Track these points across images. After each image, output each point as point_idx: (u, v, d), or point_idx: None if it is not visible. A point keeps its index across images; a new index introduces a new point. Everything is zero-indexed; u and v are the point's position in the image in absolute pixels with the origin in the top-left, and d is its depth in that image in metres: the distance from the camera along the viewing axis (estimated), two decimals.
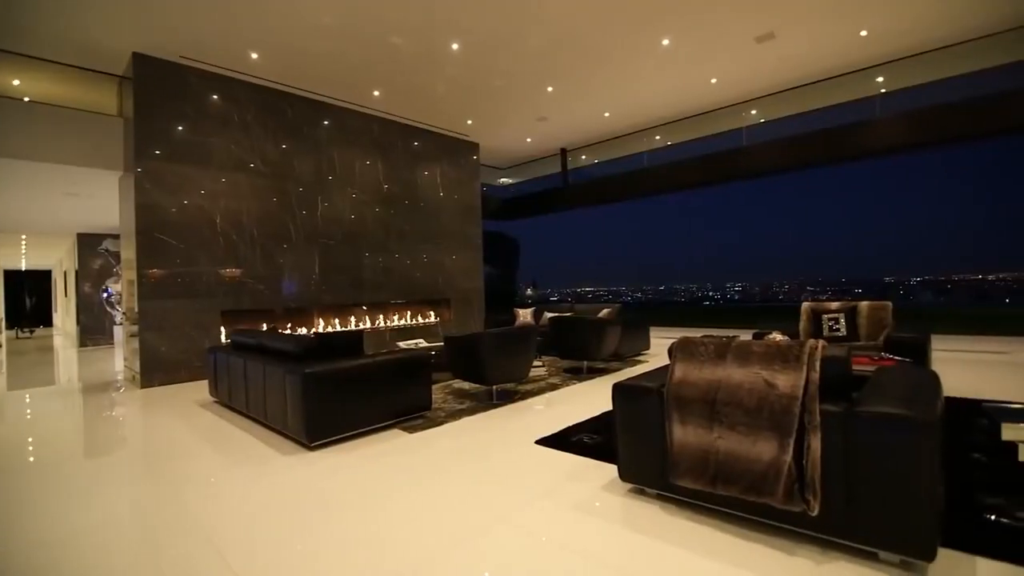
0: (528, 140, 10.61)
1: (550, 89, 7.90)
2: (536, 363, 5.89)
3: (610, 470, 2.75)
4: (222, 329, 6.69)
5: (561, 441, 3.39)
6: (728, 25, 6.16)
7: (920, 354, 3.90)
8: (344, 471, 3.05)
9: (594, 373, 5.80)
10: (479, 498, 2.58)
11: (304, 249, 7.51)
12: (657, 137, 10.16)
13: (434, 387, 5.04)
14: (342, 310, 8.27)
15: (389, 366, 3.84)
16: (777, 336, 3.16)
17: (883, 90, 7.76)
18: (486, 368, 4.36)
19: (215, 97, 6.66)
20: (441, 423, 3.96)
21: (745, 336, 3.31)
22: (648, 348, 7.19)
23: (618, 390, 2.52)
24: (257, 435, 3.85)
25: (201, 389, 5.54)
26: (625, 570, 1.88)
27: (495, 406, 4.43)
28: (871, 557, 1.85)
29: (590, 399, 4.55)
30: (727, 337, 2.33)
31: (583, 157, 11.50)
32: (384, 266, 8.54)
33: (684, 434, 2.22)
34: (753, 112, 8.87)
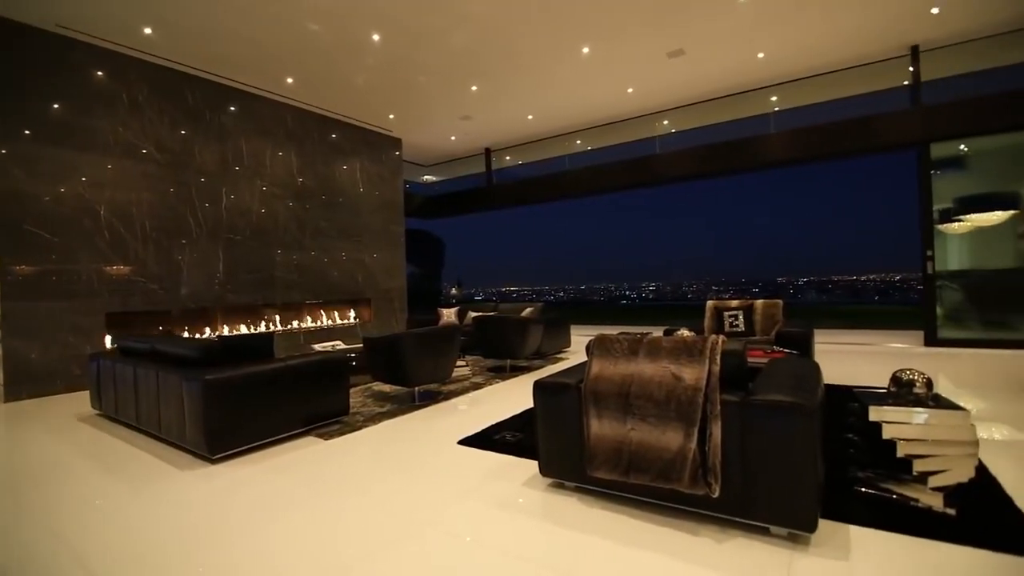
0: (452, 138, 10.54)
1: (474, 88, 7.89)
2: (460, 363, 5.86)
3: (531, 466, 2.79)
4: (107, 334, 5.99)
5: (484, 440, 3.40)
6: (643, 39, 6.50)
7: (805, 346, 4.35)
8: (250, 484, 2.84)
9: (517, 371, 5.88)
10: (399, 503, 2.52)
11: (207, 245, 6.91)
12: (578, 142, 10.50)
13: (353, 391, 4.85)
14: (251, 312, 7.71)
15: (302, 370, 3.63)
16: (685, 332, 3.38)
17: (776, 108, 8.57)
18: (407, 369, 4.26)
19: (100, 74, 5.94)
20: (360, 427, 3.82)
21: (657, 333, 3.50)
22: (569, 346, 7.41)
23: (538, 387, 2.57)
24: (150, 450, 3.49)
25: (82, 401, 4.92)
26: (544, 563, 1.92)
27: (417, 408, 4.35)
28: (764, 532, 2.03)
29: (513, 397, 4.60)
30: (640, 334, 2.46)
31: (507, 158, 11.62)
32: (298, 264, 8.09)
33: (600, 427, 2.30)
34: (665, 122, 9.44)
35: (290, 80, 7.24)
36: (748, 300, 5.20)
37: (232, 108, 7.23)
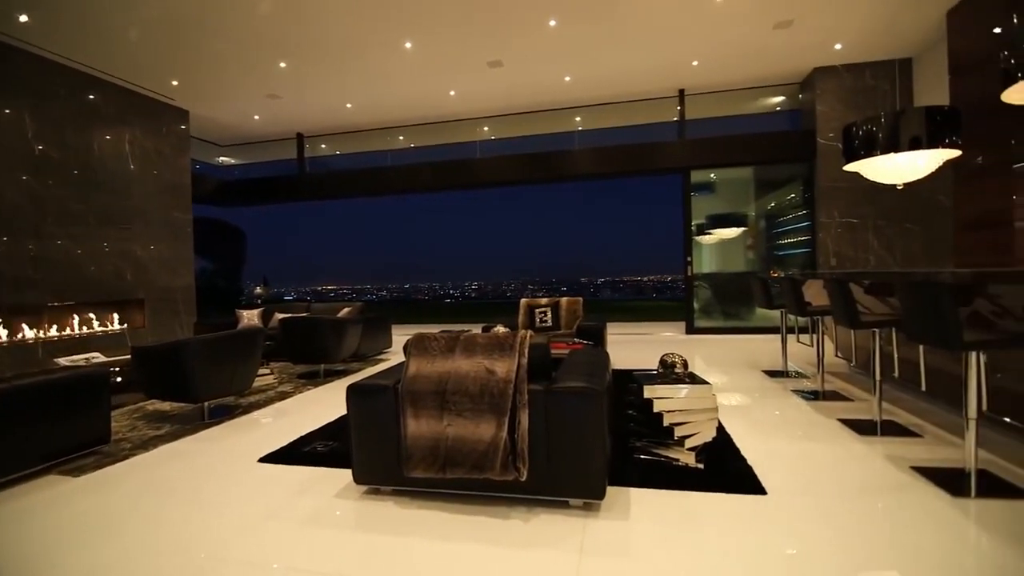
0: (256, 118, 9.38)
1: (283, 65, 7.14)
2: (263, 371, 5.27)
3: (345, 476, 2.64)
4: None
5: (291, 455, 3.09)
6: (465, 44, 6.68)
7: (599, 337, 4.98)
8: None
9: (333, 376, 5.51)
10: (184, 539, 2.13)
11: None
12: (401, 138, 10.32)
13: (118, 413, 3.99)
14: None
15: (35, 392, 2.84)
16: (500, 329, 3.57)
17: (580, 128, 9.65)
18: (192, 382, 3.65)
19: None
20: (126, 457, 3.14)
21: (476, 330, 3.63)
22: (390, 346, 7.23)
23: (353, 391, 2.44)
24: None
25: None
26: (361, 573, 1.82)
27: (208, 426, 3.76)
28: (564, 506, 2.25)
29: (327, 404, 4.30)
30: (459, 332, 2.51)
31: (323, 146, 10.82)
32: (36, 256, 6.29)
33: (418, 426, 2.29)
34: (486, 128, 9.86)
35: (24, 17, 5.59)
36: (556, 298, 5.75)
37: None
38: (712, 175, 9.84)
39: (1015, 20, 2.50)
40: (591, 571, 1.79)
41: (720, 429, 3.16)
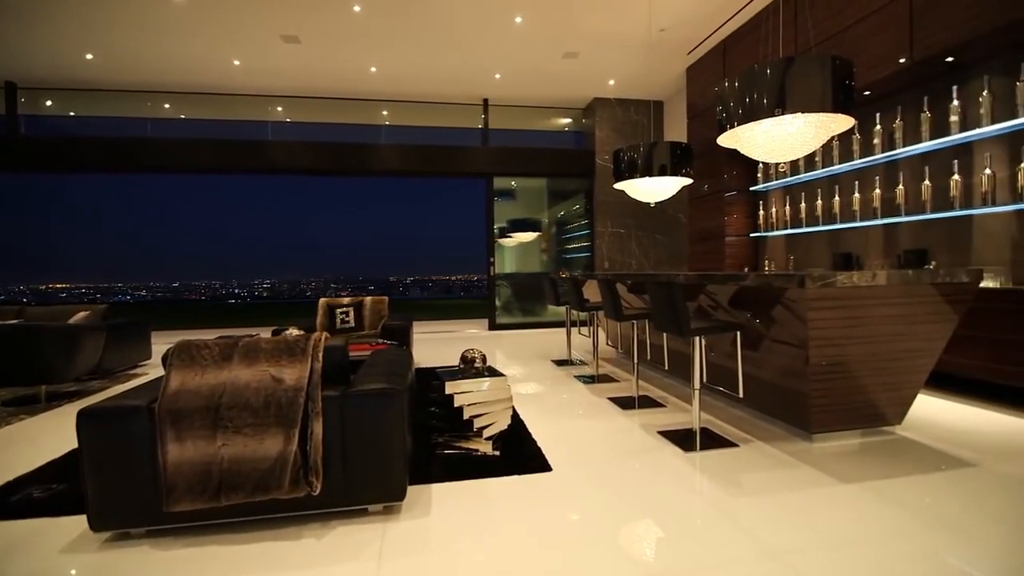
0: None
1: None
2: None
3: (78, 524, 2.08)
4: None
5: None
6: (253, 9, 5.90)
7: (404, 337, 4.93)
8: None
9: (61, 400, 4.32)
10: None
11: None
12: (167, 106, 8.62)
13: None
14: None
15: None
16: (294, 331, 3.25)
17: (388, 122, 9.41)
18: None
19: None
20: None
21: (266, 333, 3.23)
22: (150, 358, 5.99)
23: (85, 417, 1.93)
24: None
25: None
26: None
27: None
28: (363, 513, 2.16)
29: (51, 437, 3.35)
30: (238, 337, 2.20)
31: (48, 103, 8.40)
32: None
33: (182, 451, 1.93)
34: (280, 109, 8.90)
35: None
36: (360, 297, 5.50)
37: None
38: (513, 182, 10.63)
39: (725, 83, 3.27)
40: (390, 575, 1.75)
41: (515, 417, 3.42)
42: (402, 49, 7.01)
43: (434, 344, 7.34)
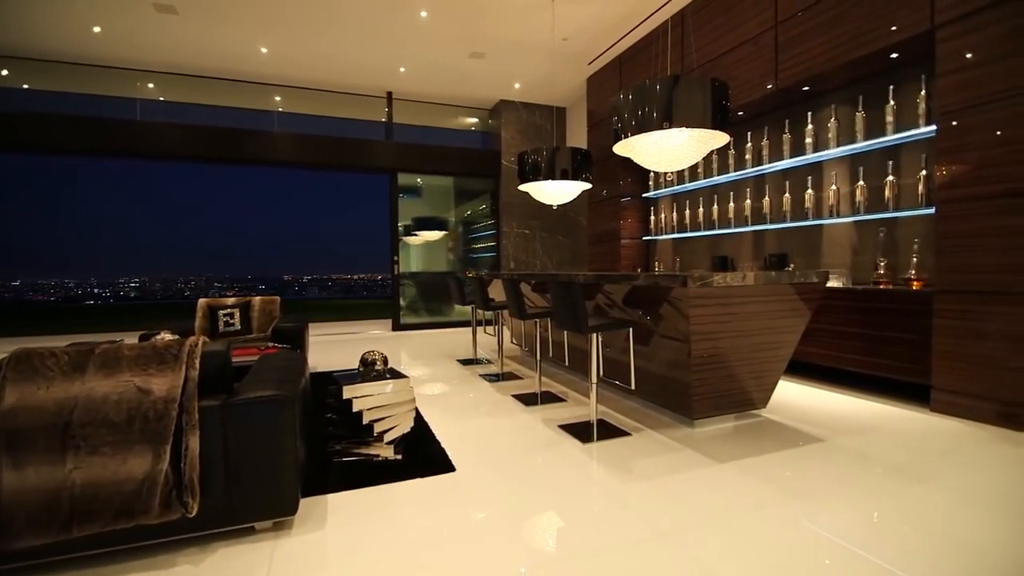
0: None
1: None
2: None
3: None
4: None
5: None
6: None
7: (298, 340, 4.63)
8: None
9: None
10: None
11: None
12: (4, 72, 7.29)
13: None
14: None
15: None
16: (166, 336, 2.91)
17: (280, 109, 8.75)
18: None
19: None
20: None
21: (132, 339, 2.86)
22: None
23: None
24: None
25: None
26: None
27: None
28: (250, 532, 1.99)
29: None
30: (95, 344, 1.92)
31: None
32: None
33: (22, 479, 1.64)
34: (151, 86, 7.92)
35: None
36: (247, 297, 5.05)
37: None
38: (419, 180, 10.43)
39: (620, 95, 3.48)
40: None
41: (419, 418, 3.36)
42: (297, 30, 6.57)
43: (333, 347, 6.98)
